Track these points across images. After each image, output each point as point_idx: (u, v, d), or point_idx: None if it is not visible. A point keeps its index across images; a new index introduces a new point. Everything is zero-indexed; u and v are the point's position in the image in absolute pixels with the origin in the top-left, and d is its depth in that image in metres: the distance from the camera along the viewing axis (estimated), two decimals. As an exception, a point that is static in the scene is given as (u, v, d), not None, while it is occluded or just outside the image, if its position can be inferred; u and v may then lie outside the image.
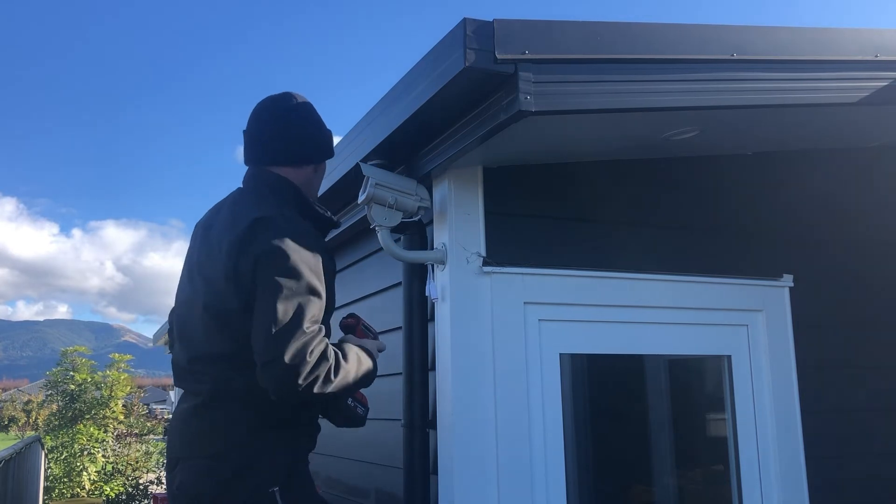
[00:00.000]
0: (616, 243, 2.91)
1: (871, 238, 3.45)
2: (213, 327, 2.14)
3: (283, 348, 1.94)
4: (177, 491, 2.16)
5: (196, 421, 2.17)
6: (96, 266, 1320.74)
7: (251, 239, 2.09)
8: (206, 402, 2.16)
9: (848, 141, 3.30)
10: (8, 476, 8.47)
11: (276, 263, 2.03)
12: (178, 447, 2.21)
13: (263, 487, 2.06)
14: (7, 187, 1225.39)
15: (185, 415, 2.22)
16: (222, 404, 2.14)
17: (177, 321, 2.34)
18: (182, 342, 2.28)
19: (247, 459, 2.08)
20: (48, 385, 15.14)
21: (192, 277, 2.28)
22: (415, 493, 2.62)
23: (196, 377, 2.20)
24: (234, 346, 2.11)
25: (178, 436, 2.23)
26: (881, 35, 2.69)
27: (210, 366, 2.16)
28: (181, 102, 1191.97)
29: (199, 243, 2.32)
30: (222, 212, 2.32)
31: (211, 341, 2.15)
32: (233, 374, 2.12)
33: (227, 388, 2.13)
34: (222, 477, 2.07)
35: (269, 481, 2.08)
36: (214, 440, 2.12)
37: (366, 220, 2.66)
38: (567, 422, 2.70)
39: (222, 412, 2.13)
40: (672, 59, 2.37)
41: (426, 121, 2.40)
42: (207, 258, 2.22)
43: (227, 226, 2.19)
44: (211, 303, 2.15)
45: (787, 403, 3.06)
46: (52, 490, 12.83)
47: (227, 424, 2.12)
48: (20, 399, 43.72)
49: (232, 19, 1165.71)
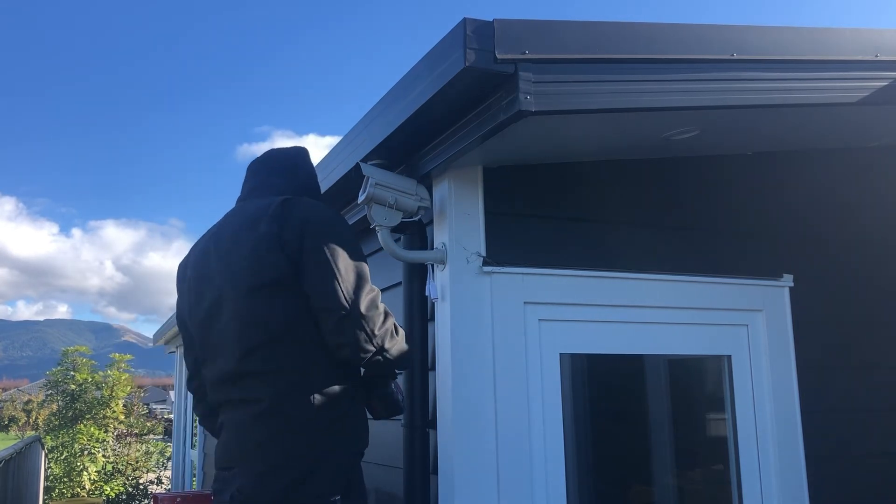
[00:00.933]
0: (616, 243, 2.91)
1: (872, 238, 3.45)
2: (261, 308, 2.13)
3: (357, 299, 2.09)
4: (236, 493, 2.11)
5: (258, 428, 2.12)
6: (96, 266, 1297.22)
7: (290, 211, 2.18)
8: (265, 409, 2.11)
9: (848, 141, 3.31)
10: (8, 476, 8.47)
11: (323, 231, 2.16)
12: (237, 454, 2.17)
13: (325, 497, 2.06)
14: (6, 187, 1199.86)
15: (241, 423, 2.17)
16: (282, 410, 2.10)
17: (203, 342, 2.30)
18: (221, 355, 2.22)
19: (308, 466, 2.07)
20: (48, 385, 15.15)
21: (217, 282, 2.25)
22: (415, 493, 2.62)
23: (249, 381, 2.15)
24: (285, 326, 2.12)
25: (234, 444, 2.19)
26: (881, 35, 2.69)
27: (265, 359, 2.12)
28: (181, 102, 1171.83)
29: (212, 255, 2.31)
30: (234, 215, 2.36)
31: (260, 327, 2.13)
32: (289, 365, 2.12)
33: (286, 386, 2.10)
34: (283, 483, 2.05)
35: (330, 489, 2.07)
36: (277, 448, 2.09)
37: (366, 220, 2.66)
38: (567, 422, 2.71)
39: (283, 418, 2.10)
40: (672, 58, 2.37)
41: (426, 120, 2.40)
42: (236, 249, 2.22)
43: (250, 220, 2.23)
44: (256, 281, 2.13)
45: (787, 403, 3.06)
46: (53, 490, 12.84)
47: (289, 431, 2.09)
48: (20, 399, 43.72)
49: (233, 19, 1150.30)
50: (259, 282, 2.14)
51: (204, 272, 2.32)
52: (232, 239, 2.26)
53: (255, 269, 2.15)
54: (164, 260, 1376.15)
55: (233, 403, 2.22)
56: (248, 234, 2.20)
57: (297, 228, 2.14)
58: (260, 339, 2.14)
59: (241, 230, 2.24)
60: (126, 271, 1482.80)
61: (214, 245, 2.33)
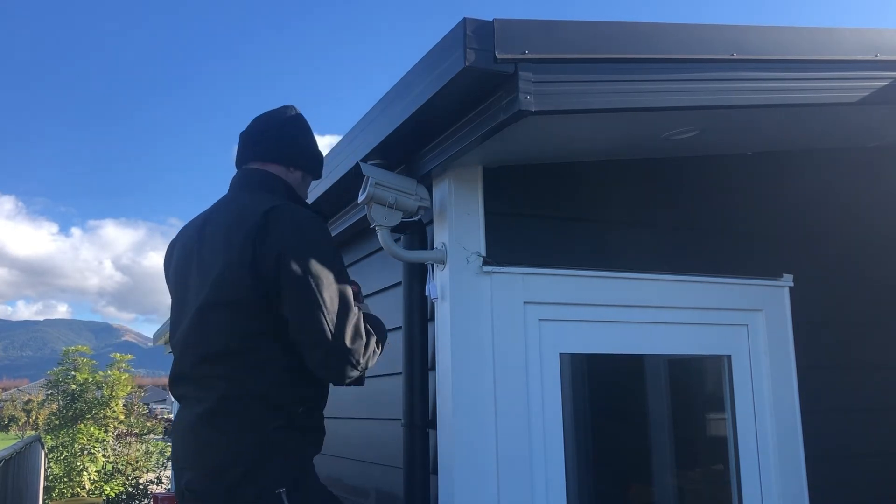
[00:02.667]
0: (616, 243, 2.91)
1: (872, 238, 3.45)
2: (224, 323, 2.12)
3: (341, 334, 2.07)
4: (185, 489, 2.14)
5: (204, 430, 2.13)
6: (95, 265, 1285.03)
7: (268, 230, 2.10)
8: (214, 408, 2.11)
9: (848, 141, 3.30)
10: (8, 476, 8.47)
11: (305, 255, 2.09)
12: (187, 457, 2.18)
13: (270, 488, 2.06)
14: (6, 186, 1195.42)
15: (191, 423, 2.18)
16: (231, 410, 2.10)
17: (177, 329, 2.29)
18: (186, 346, 2.22)
19: (255, 463, 2.08)
20: (49, 385, 15.15)
21: (193, 281, 2.25)
22: (415, 493, 2.62)
23: (202, 382, 2.16)
24: (245, 342, 2.11)
25: (182, 445, 2.21)
26: (881, 35, 2.69)
27: (219, 366, 2.12)
28: (180, 102, 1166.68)
29: (195, 248, 2.29)
30: (218, 212, 2.32)
31: (220, 339, 2.12)
32: (244, 376, 2.10)
33: (238, 390, 2.10)
34: (233, 477, 2.06)
35: (276, 482, 2.07)
36: (223, 449, 2.09)
37: (366, 220, 2.66)
38: (567, 421, 2.70)
39: (231, 419, 2.10)
40: (672, 58, 2.37)
41: (426, 120, 2.40)
42: (212, 255, 2.20)
43: (234, 220, 2.19)
44: (223, 296, 2.12)
45: (787, 403, 3.06)
46: (53, 490, 12.84)
47: (236, 432, 2.09)
48: (20, 399, 43.72)
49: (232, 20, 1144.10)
50: (224, 298, 2.13)
51: (184, 273, 2.31)
52: (211, 247, 2.22)
53: (227, 283, 2.13)
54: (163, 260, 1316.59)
55: (186, 400, 2.23)
56: (228, 244, 2.16)
57: (273, 256, 2.07)
58: (217, 349, 2.13)
59: (220, 240, 2.20)
60: (126, 271, 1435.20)
61: (198, 245, 2.29)
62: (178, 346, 2.27)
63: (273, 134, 2.44)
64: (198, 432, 2.15)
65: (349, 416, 3.53)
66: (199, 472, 2.13)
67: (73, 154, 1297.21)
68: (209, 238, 2.25)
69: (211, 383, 2.14)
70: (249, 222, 2.13)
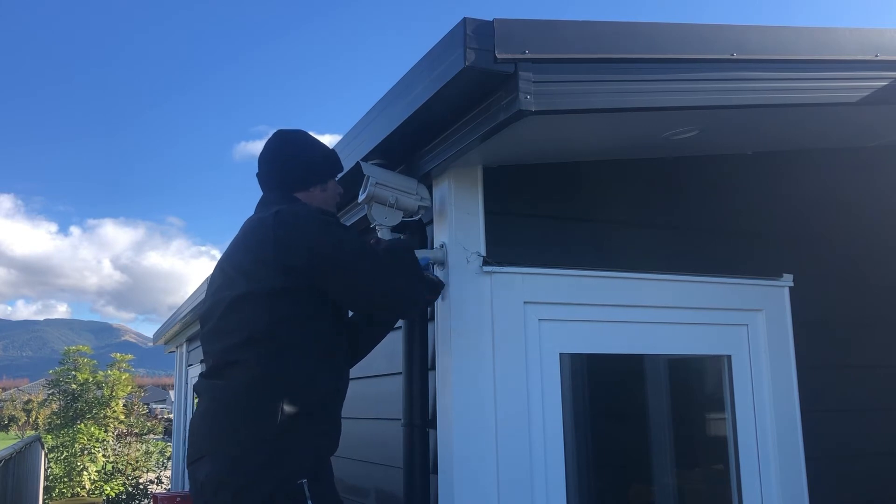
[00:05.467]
0: (616, 243, 2.91)
1: (872, 238, 3.45)
2: (250, 311, 2.18)
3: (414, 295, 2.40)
4: (204, 480, 2.14)
5: (227, 414, 2.17)
6: (94, 265, 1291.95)
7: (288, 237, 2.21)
8: (239, 393, 2.16)
9: (848, 140, 3.30)
10: (8, 476, 8.47)
11: (331, 244, 2.23)
12: (207, 441, 2.20)
13: (292, 479, 2.08)
14: (4, 184, 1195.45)
15: (213, 409, 2.22)
16: (254, 395, 2.14)
17: (207, 315, 2.37)
18: (214, 333, 2.29)
19: (276, 452, 2.09)
20: (50, 384, 15.15)
21: (224, 271, 2.35)
22: (415, 493, 2.62)
23: (228, 368, 2.20)
24: (271, 328, 2.16)
25: (205, 429, 2.23)
26: (881, 35, 2.69)
27: (246, 352, 2.16)
28: (179, 102, 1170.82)
29: (230, 246, 2.42)
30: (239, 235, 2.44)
31: (245, 327, 2.17)
32: (269, 360, 2.15)
33: (262, 375, 2.14)
34: (251, 468, 2.08)
35: (297, 473, 2.09)
36: (245, 433, 2.12)
37: (366, 220, 2.66)
38: (567, 422, 2.70)
39: (253, 405, 2.14)
40: (672, 58, 2.37)
41: (426, 120, 2.41)
42: (234, 252, 2.34)
43: (255, 224, 2.33)
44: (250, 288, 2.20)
45: (787, 403, 3.06)
46: (53, 489, 12.85)
47: (257, 418, 2.12)
48: (20, 398, 43.72)
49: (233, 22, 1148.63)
50: (247, 290, 2.22)
51: (224, 260, 2.43)
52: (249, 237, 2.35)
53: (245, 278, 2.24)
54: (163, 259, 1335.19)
55: (208, 391, 2.27)
56: (253, 242, 2.30)
57: (304, 258, 2.19)
58: (241, 338, 2.19)
59: (255, 231, 2.33)
60: (125, 270, 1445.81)
61: (225, 254, 2.45)
62: (208, 332, 2.34)
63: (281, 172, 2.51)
64: (220, 416, 2.19)
65: (349, 415, 3.53)
66: (222, 459, 2.13)
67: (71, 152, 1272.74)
68: (246, 238, 2.36)
69: (236, 369, 2.18)
70: (266, 223, 2.27)
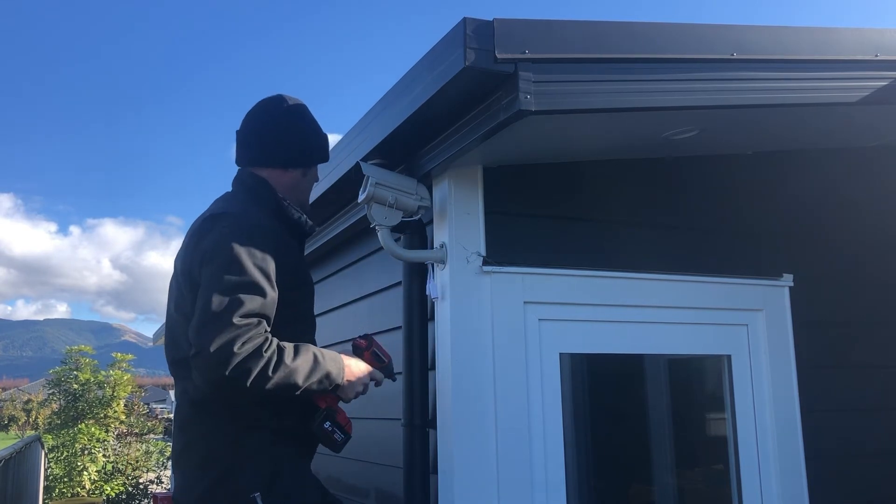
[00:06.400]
0: (616, 243, 2.91)
1: (872, 238, 3.45)
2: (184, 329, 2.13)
3: (210, 338, 1.92)
4: (176, 493, 2.21)
5: (184, 430, 2.23)
6: (94, 265, 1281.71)
7: (203, 235, 2.15)
8: (189, 410, 2.19)
9: (848, 140, 3.30)
10: (8, 475, 8.47)
11: (219, 258, 2.05)
12: (175, 454, 2.28)
13: (245, 492, 2.07)
14: (3, 183, 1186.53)
15: (177, 422, 2.28)
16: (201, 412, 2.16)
17: (166, 323, 2.37)
18: (167, 345, 2.31)
19: (228, 465, 2.10)
20: (51, 384, 15.14)
21: (175, 276, 2.31)
22: (415, 493, 2.62)
23: (179, 383, 2.25)
24: None
25: (174, 441, 2.32)
26: (881, 35, 2.69)
27: (185, 369, 2.15)
28: (179, 101, 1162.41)
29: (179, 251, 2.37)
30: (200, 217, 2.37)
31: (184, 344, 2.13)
32: None
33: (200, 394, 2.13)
34: (206, 483, 2.10)
35: (250, 486, 2.07)
36: (199, 450, 2.16)
37: (366, 220, 2.66)
38: (567, 421, 2.70)
39: (204, 420, 2.16)
40: (672, 58, 2.37)
41: (426, 120, 2.40)
42: (179, 259, 2.27)
43: (195, 225, 2.26)
44: (179, 303, 2.20)
45: (787, 403, 3.06)
46: (53, 489, 12.83)
47: (208, 433, 2.15)
48: (20, 398, 43.71)
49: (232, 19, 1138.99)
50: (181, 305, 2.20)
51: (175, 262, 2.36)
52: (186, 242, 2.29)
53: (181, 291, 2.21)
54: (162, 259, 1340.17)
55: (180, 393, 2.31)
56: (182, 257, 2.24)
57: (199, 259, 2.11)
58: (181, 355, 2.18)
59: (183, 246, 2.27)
60: (125, 270, 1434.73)
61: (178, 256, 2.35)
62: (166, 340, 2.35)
63: (264, 136, 2.39)
64: (181, 431, 2.24)
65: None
66: (184, 473, 2.20)
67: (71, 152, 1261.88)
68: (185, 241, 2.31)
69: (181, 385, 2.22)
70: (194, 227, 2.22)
